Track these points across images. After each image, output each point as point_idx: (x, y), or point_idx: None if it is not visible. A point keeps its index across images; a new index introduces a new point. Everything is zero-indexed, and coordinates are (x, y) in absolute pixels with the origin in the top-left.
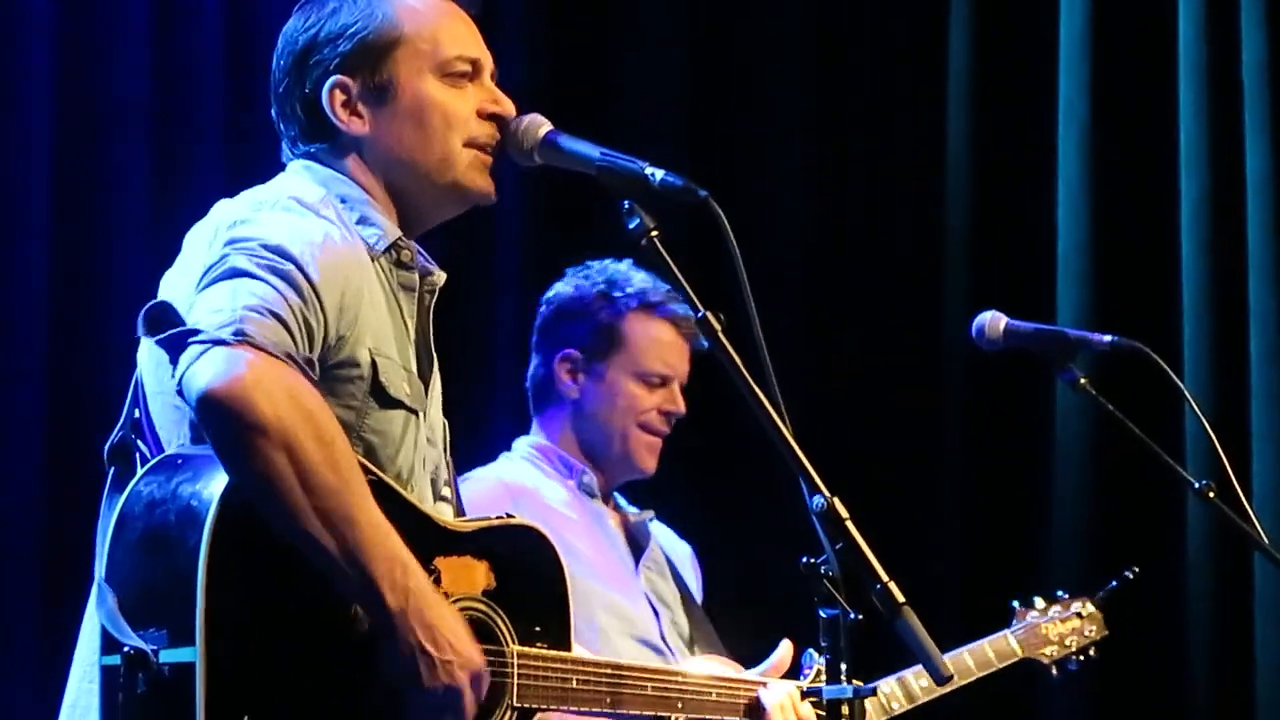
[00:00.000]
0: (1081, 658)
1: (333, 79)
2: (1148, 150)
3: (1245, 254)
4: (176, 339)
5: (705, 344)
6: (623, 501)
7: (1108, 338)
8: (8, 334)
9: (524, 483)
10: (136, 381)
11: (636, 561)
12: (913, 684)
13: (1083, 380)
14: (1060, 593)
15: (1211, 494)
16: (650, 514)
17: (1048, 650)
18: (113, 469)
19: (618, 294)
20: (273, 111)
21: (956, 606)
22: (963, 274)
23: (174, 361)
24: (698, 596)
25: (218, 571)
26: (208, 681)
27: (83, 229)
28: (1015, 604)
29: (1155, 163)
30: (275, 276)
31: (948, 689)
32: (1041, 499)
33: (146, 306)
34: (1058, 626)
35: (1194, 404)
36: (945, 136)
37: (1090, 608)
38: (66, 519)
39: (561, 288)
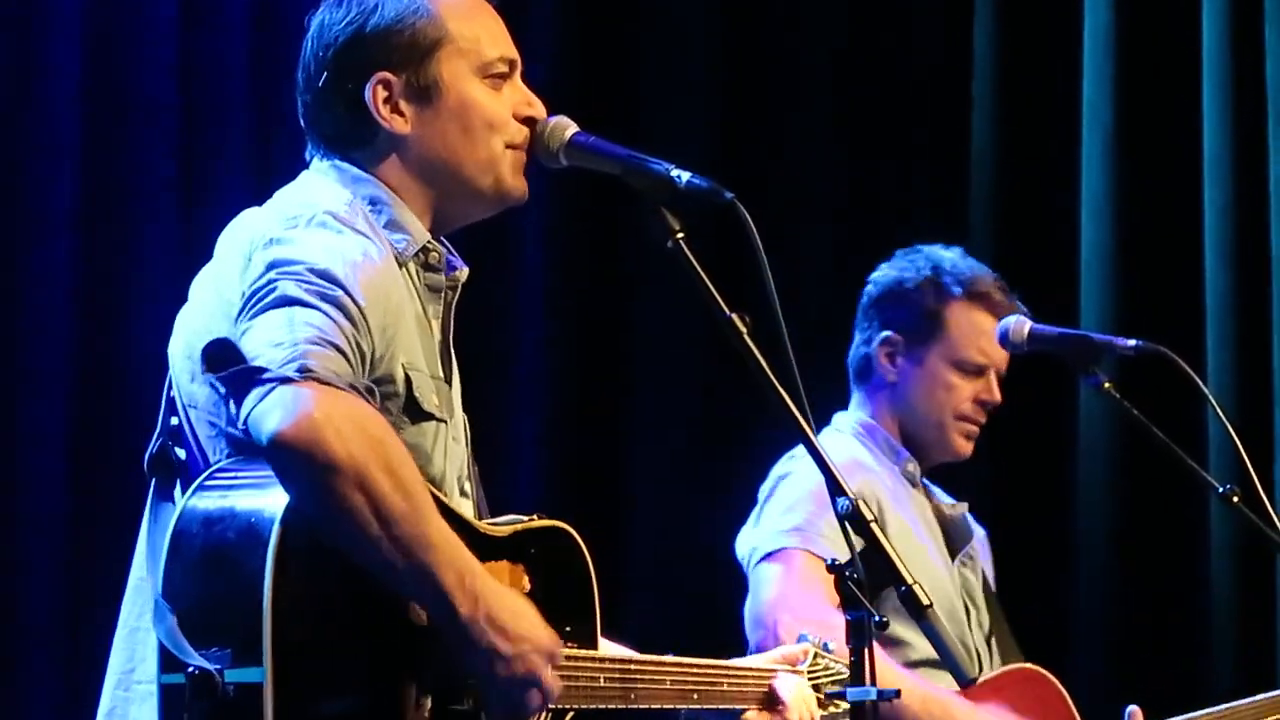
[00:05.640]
0: None
1: (376, 75)
2: (1171, 155)
3: (1268, 258)
4: (239, 377)
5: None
6: (936, 490)
7: (1132, 342)
8: (32, 335)
9: (863, 459)
10: (170, 388)
11: (952, 555)
12: None
13: (1106, 384)
14: None
15: (1235, 498)
16: (965, 506)
17: None
18: (154, 479)
19: (944, 280)
20: (302, 106)
21: None
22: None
23: (236, 399)
24: (992, 584)
25: (282, 590)
26: (275, 701)
27: (108, 229)
28: None
29: (1179, 167)
30: (326, 303)
31: None
32: (1065, 502)
33: (206, 344)
34: None
35: (1218, 408)
36: (970, 141)
37: None
38: (89, 524)
39: (888, 270)
